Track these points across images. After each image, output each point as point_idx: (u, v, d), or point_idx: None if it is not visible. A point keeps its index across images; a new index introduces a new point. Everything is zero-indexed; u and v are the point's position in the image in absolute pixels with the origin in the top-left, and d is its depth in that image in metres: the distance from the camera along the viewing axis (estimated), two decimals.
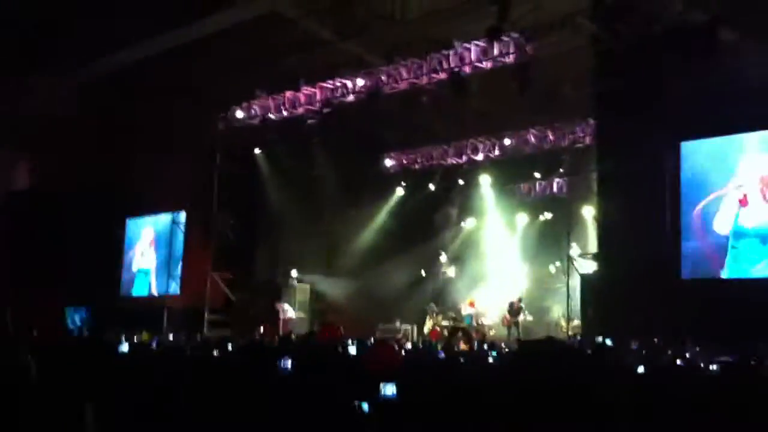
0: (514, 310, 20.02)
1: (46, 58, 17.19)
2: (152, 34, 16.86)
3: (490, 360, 10.22)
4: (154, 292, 23.02)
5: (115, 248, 23.86)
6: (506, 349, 12.82)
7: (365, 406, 4.63)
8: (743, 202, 13.91)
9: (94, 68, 17.69)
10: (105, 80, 18.24)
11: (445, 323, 21.33)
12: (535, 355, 1.95)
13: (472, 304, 21.02)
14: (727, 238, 14.10)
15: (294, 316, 20.91)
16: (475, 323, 20.42)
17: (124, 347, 10.25)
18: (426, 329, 21.23)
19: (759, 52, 12.65)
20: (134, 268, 23.93)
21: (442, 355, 10.55)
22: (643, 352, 12.08)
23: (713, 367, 8.99)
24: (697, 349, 11.64)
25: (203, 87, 19.89)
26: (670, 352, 12.04)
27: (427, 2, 16.04)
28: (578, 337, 15.52)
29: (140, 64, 17.53)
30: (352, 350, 10.08)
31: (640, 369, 9.25)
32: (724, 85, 13.05)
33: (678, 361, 11.26)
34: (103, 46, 16.73)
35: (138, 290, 23.63)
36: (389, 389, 5.62)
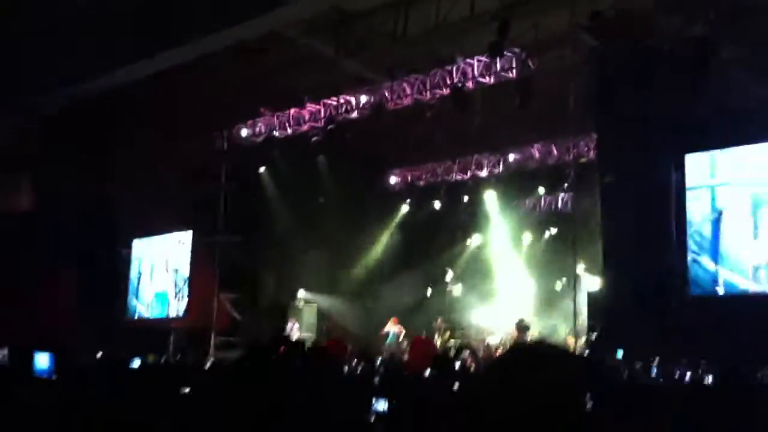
0: (521, 327, 19.74)
1: (43, 71, 17.24)
2: (154, 52, 16.89)
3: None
4: (171, 313, 22.76)
5: (121, 269, 23.82)
6: None
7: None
8: None
9: (95, 85, 17.71)
10: (106, 98, 18.26)
11: (452, 341, 21.11)
12: (526, 357, 1.85)
13: (396, 321, 20.49)
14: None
15: (299, 335, 20.75)
16: (397, 342, 19.68)
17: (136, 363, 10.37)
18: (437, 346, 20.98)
19: (758, 68, 12.51)
20: (144, 291, 23.84)
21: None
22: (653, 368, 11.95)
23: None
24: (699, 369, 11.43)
25: (207, 105, 19.91)
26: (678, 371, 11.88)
27: (428, 19, 15.97)
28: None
29: (142, 83, 17.56)
30: None
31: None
32: (725, 100, 12.90)
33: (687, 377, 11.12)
34: (105, 63, 16.77)
35: (152, 312, 23.48)
36: (381, 405, 5.55)
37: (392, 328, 20.40)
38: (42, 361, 8.27)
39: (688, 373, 11.93)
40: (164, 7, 16.19)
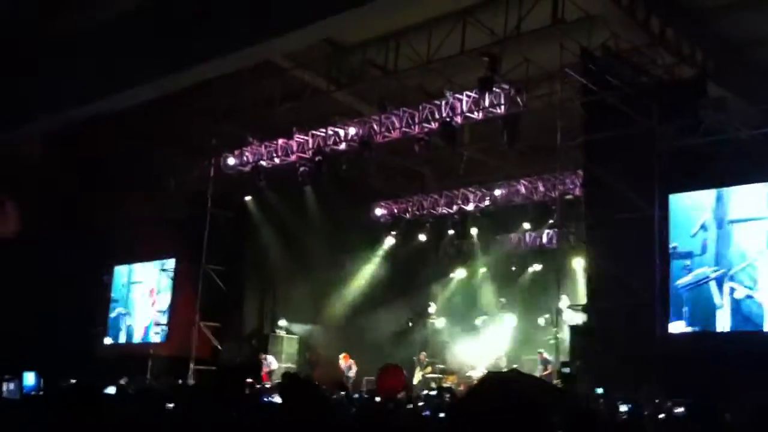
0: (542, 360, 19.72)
1: (33, 99, 17.24)
2: (146, 81, 16.93)
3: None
4: (140, 339, 22.77)
5: (101, 295, 23.64)
6: None
7: None
8: None
9: (83, 113, 17.68)
10: (95, 126, 18.23)
11: (432, 376, 21.12)
12: (497, 385, 1.89)
13: (346, 358, 20.62)
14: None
15: (277, 368, 20.61)
16: (351, 376, 20.00)
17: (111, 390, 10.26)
18: (416, 380, 21.00)
19: (744, 108, 12.81)
20: (124, 317, 23.68)
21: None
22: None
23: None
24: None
25: (196, 134, 19.98)
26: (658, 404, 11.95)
27: (419, 53, 16.23)
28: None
29: (133, 110, 17.57)
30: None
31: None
32: (712, 139, 13.17)
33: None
34: (95, 90, 16.78)
35: (126, 338, 23.36)
36: None
37: (345, 362, 20.52)
38: (29, 379, 8.22)
39: (668, 407, 12.00)
40: (157, 35, 16.28)
